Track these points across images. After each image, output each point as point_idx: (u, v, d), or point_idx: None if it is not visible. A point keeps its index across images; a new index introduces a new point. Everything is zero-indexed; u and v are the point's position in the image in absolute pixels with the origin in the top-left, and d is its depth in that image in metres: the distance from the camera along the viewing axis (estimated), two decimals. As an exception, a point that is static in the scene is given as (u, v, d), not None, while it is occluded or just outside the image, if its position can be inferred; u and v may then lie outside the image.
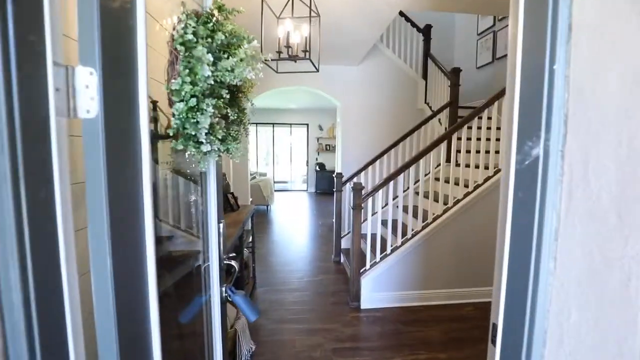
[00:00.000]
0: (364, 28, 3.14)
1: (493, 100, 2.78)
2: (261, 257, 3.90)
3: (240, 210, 2.80)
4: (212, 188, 1.34)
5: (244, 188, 4.41)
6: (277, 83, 4.36)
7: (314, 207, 7.53)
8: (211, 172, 1.33)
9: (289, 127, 9.90)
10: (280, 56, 1.83)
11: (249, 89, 1.28)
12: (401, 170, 2.73)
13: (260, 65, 1.06)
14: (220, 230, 1.41)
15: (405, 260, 2.79)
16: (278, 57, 1.81)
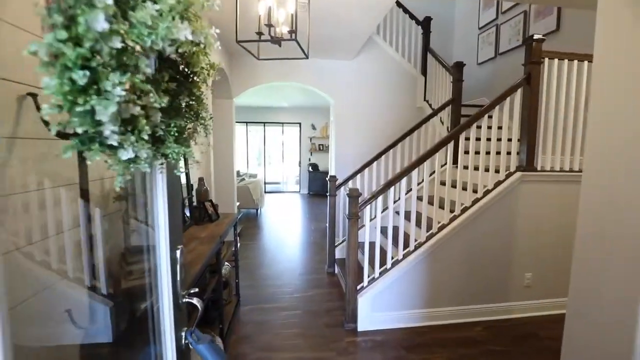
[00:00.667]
0: (359, 17, 2.82)
1: (505, 96, 2.48)
2: (247, 270, 3.55)
3: (220, 221, 2.45)
4: (160, 208, 0.99)
5: (229, 192, 4.05)
6: (265, 78, 4.02)
7: (306, 209, 7.20)
8: (158, 186, 0.98)
9: (281, 126, 9.54)
10: (260, 38, 1.49)
11: (209, 71, 0.95)
12: (402, 174, 2.42)
13: (217, 42, 0.74)
14: (178, 259, 1.08)
15: (408, 276, 2.48)
16: (258, 39, 1.47)
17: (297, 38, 1.47)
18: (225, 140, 3.98)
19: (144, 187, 1.06)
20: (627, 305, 1.23)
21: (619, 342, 1.27)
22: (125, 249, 1.37)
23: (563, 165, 2.59)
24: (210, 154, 2.95)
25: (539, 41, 2.39)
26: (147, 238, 1.13)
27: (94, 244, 1.14)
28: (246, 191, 5.95)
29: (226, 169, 4.02)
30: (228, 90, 3.88)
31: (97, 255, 1.16)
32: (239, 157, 9.47)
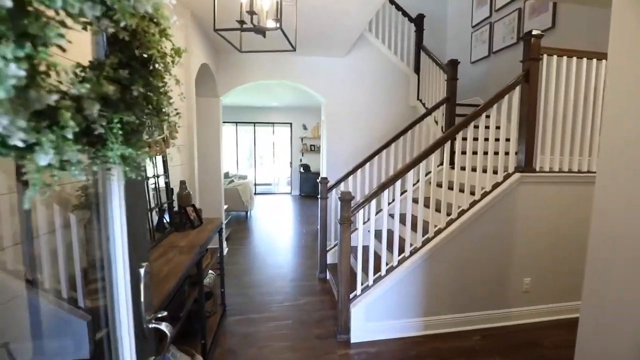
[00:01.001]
0: (352, 11, 2.69)
1: (503, 94, 2.38)
2: (235, 276, 3.39)
3: (203, 227, 2.29)
4: (116, 219, 0.84)
5: (216, 195, 3.88)
6: (253, 75, 3.86)
7: (298, 211, 7.04)
8: (113, 194, 0.83)
9: (272, 126, 9.37)
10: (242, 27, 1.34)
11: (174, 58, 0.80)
12: (396, 177, 2.29)
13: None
14: (142, 278, 0.93)
15: (403, 283, 2.35)
16: (240, 27, 1.32)
17: (282, 27, 1.31)
18: (211, 140, 3.81)
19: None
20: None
21: (636, 347, 1.17)
22: (88, 265, 1.21)
23: (562, 165, 2.50)
24: (194, 155, 2.79)
25: (538, 37, 2.30)
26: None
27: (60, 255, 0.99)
28: (235, 193, 5.77)
29: (213, 170, 3.85)
30: (214, 89, 3.71)
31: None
32: (229, 158, 9.27)
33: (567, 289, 2.64)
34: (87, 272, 1.19)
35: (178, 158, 2.58)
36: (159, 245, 1.87)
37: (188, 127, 2.74)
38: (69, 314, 1.08)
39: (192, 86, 2.76)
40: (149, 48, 0.66)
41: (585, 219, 2.61)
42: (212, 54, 3.50)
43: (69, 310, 1.07)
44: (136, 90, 0.67)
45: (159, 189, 1.99)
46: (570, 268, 2.61)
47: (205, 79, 3.55)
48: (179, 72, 2.58)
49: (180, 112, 0.90)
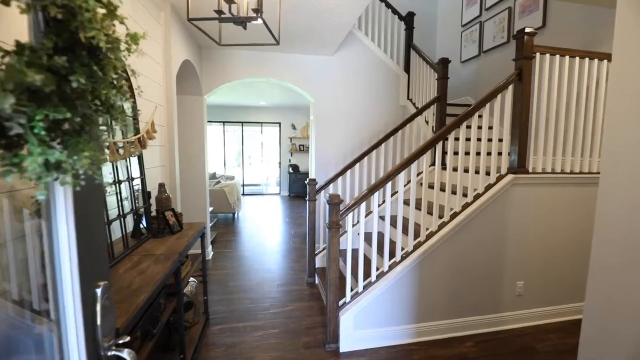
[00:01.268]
0: (340, 5, 2.59)
1: (495, 94, 2.31)
2: (220, 282, 3.25)
3: (183, 232, 2.15)
4: (62, 232, 0.72)
5: (200, 197, 3.74)
6: (238, 73, 3.73)
7: (286, 212, 6.92)
8: (58, 203, 0.71)
9: (260, 126, 9.21)
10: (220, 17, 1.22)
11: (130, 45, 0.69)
12: (387, 179, 2.20)
13: None
14: (99, 299, 0.82)
15: (394, 289, 2.26)
16: (217, 17, 1.20)
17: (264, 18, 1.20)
18: (195, 140, 3.66)
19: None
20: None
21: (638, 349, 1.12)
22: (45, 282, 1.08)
23: (555, 166, 2.46)
24: (174, 155, 2.64)
25: (531, 35, 2.24)
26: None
27: None
28: (221, 195, 5.61)
29: (197, 171, 3.70)
30: (197, 87, 3.56)
31: None
32: (216, 159, 9.07)
33: (561, 291, 2.60)
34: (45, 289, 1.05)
35: (158, 159, 2.44)
36: (133, 253, 1.74)
37: (168, 126, 2.59)
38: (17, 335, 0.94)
39: (173, 84, 2.62)
40: (90, 30, 0.54)
41: (578, 220, 2.59)
42: (195, 50, 3.35)
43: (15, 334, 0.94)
44: (76, 82, 0.55)
45: (134, 192, 1.85)
46: (563, 270, 2.58)
47: (188, 76, 3.40)
48: (158, 69, 2.44)
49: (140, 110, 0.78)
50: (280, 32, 3.06)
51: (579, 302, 2.66)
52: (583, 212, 2.55)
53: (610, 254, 1.26)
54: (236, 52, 3.69)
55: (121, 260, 1.61)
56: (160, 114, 2.47)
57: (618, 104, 1.21)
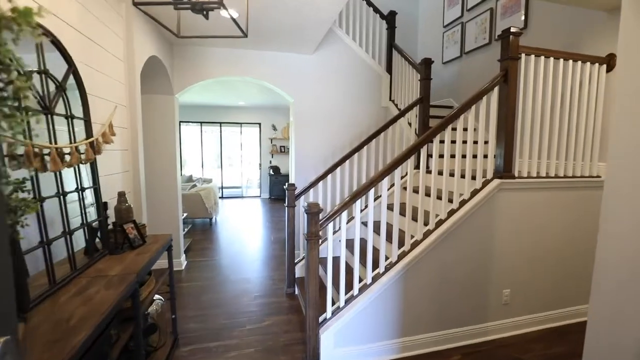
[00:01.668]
0: (318, 2, 2.44)
1: (481, 95, 2.22)
2: (193, 295, 3.03)
3: (145, 247, 1.93)
4: None
5: (171, 203, 3.49)
6: (213, 72, 3.51)
7: (267, 216, 6.70)
8: None
9: (239, 126, 8.94)
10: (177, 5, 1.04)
11: (18, 21, 0.50)
12: (370, 185, 2.06)
13: None
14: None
15: (378, 302, 2.13)
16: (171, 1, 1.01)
17: (226, 5, 1.03)
18: (166, 142, 3.42)
19: None
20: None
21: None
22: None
23: (540, 169, 2.40)
24: (139, 160, 2.41)
25: (516, 35, 2.16)
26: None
27: None
28: (197, 199, 5.34)
29: (168, 176, 3.45)
30: (168, 86, 3.32)
31: None
32: (193, 161, 8.74)
33: (546, 298, 2.55)
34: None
35: (119, 164, 2.20)
36: (82, 275, 1.52)
37: (132, 128, 2.36)
38: None
39: (137, 82, 2.39)
40: None
41: (564, 224, 2.54)
42: (164, 46, 3.11)
43: None
44: None
45: (84, 205, 1.62)
46: (549, 276, 2.52)
47: (156, 74, 3.16)
48: (119, 65, 2.20)
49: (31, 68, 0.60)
50: (255, 28, 2.87)
51: (563, 308, 2.62)
52: (569, 215, 2.50)
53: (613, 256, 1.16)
54: (210, 49, 3.47)
55: (65, 285, 1.39)
56: (121, 114, 2.24)
57: (624, 108, 1.12)
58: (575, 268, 2.60)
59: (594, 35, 2.61)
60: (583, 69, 2.45)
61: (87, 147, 1.65)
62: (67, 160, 1.48)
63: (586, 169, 2.54)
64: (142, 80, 3.21)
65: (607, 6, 2.42)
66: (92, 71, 1.83)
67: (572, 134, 2.47)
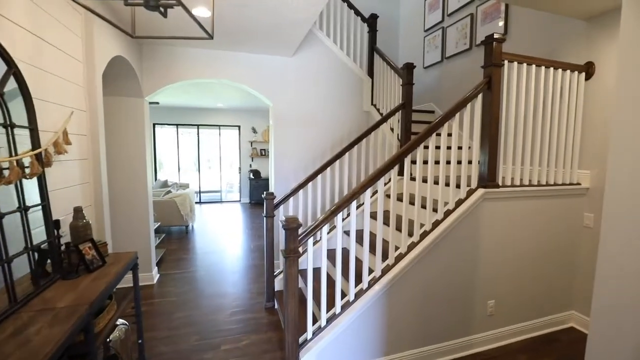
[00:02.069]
0: (298, 2, 2.32)
1: (465, 103, 2.15)
2: (164, 314, 2.82)
3: (105, 268, 1.74)
4: None
5: (141, 213, 3.27)
6: (186, 73, 3.32)
7: (246, 223, 6.50)
8: None
9: (218, 129, 8.68)
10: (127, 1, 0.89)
11: None
12: (352, 197, 1.95)
13: None
14: None
15: (361, 321, 2.02)
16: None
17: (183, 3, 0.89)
18: (134, 148, 3.19)
19: None
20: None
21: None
22: None
23: (523, 176, 2.37)
24: (100, 170, 2.20)
25: (499, 41, 2.11)
26: None
27: None
28: (172, 206, 5.09)
29: (137, 184, 3.23)
30: (137, 88, 3.10)
31: None
32: (169, 165, 8.41)
33: (530, 307, 2.52)
34: None
35: (77, 176, 1.99)
36: (24, 308, 1.32)
37: (92, 135, 2.15)
38: None
39: (98, 85, 2.18)
40: None
41: (548, 232, 2.51)
42: (132, 46, 2.90)
43: None
44: None
45: (29, 225, 1.42)
46: (532, 284, 2.50)
47: (123, 75, 2.94)
48: (76, 66, 1.99)
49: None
50: (229, 28, 2.70)
51: (546, 316, 2.60)
52: (551, 223, 2.50)
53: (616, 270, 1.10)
54: (183, 49, 3.27)
55: (0, 323, 1.20)
56: (80, 120, 2.03)
57: (624, 113, 1.05)
58: (557, 275, 2.59)
59: (572, 43, 2.61)
60: (563, 76, 2.45)
61: (32, 159, 1.45)
62: (5, 176, 1.28)
63: (567, 177, 2.54)
64: (107, 82, 2.99)
65: (585, 15, 2.43)
66: (41, 73, 1.63)
67: (554, 141, 2.45)
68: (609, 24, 2.36)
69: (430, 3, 4.31)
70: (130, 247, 3.25)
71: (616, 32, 2.32)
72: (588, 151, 2.53)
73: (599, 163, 2.46)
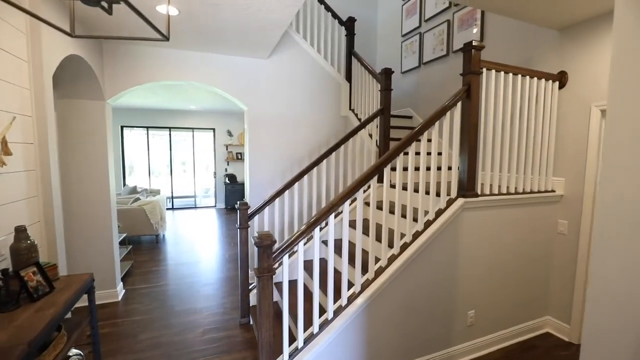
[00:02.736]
0: (271, 2, 2.19)
1: (445, 111, 2.10)
2: (128, 337, 2.59)
3: (50, 297, 1.53)
4: None
5: (102, 225, 3.02)
6: (152, 75, 3.11)
7: (222, 230, 6.26)
8: None
9: (191, 131, 8.36)
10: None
11: None
12: (330, 210, 1.85)
13: None
14: None
15: (340, 340, 1.91)
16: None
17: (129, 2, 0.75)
18: (95, 154, 2.94)
19: None
20: None
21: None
22: None
23: (502, 183, 2.36)
24: (50, 182, 1.97)
25: (478, 48, 2.08)
26: None
27: None
28: (141, 214, 4.80)
29: (98, 193, 2.98)
30: (97, 90, 2.86)
31: None
32: (139, 169, 8.00)
33: (508, 314, 2.51)
34: None
35: (22, 190, 1.77)
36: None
37: (40, 143, 1.92)
38: None
39: (46, 86, 1.96)
40: None
41: (524, 239, 2.51)
42: (90, 44, 2.66)
43: None
44: None
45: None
46: (509, 292, 2.49)
47: (81, 76, 2.70)
48: (20, 66, 1.77)
49: None
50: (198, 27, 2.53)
51: (524, 322, 2.61)
52: (528, 230, 2.51)
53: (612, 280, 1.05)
54: (149, 49, 3.06)
55: None
56: (25, 127, 1.81)
57: (619, 120, 1.00)
58: (533, 282, 2.60)
59: (545, 52, 2.64)
60: (538, 85, 2.46)
61: (-42, 175, 1.24)
62: None
63: (542, 184, 2.55)
64: (62, 84, 2.74)
65: (557, 25, 2.46)
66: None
67: (530, 148, 2.47)
68: (580, 34, 2.40)
69: (407, 8, 4.31)
70: (91, 264, 2.99)
71: (587, 42, 2.35)
72: (562, 158, 2.56)
73: (572, 170, 2.50)
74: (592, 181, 2.37)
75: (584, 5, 2.11)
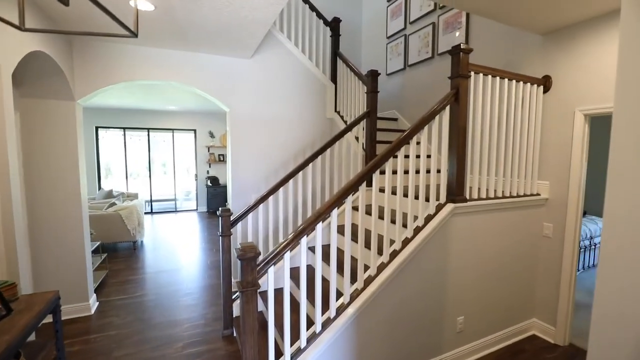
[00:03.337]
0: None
1: (434, 115, 2.06)
2: (100, 355, 2.41)
3: (9, 320, 1.37)
4: None
5: (73, 233, 2.82)
6: (127, 74, 2.94)
7: (203, 235, 6.06)
8: None
9: (171, 132, 8.08)
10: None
11: None
12: (317, 219, 1.76)
13: None
14: None
15: (329, 354, 1.83)
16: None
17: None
18: (64, 158, 2.75)
19: None
20: None
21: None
22: None
23: (489, 186, 2.34)
24: (9, 191, 1.80)
25: (466, 51, 2.05)
26: None
27: None
28: (117, 220, 4.56)
29: (67, 199, 2.78)
30: (66, 89, 2.67)
31: None
32: (117, 172, 7.67)
33: (496, 318, 2.50)
34: None
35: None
36: None
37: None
38: None
39: (5, 84, 1.78)
40: None
41: (512, 243, 2.50)
42: (58, 40, 2.48)
43: None
44: None
45: None
46: (497, 296, 2.48)
47: (47, 75, 2.50)
48: (-27, 61, 1.60)
49: None
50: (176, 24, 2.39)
51: (512, 325, 2.61)
52: (515, 234, 2.50)
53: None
54: (124, 46, 2.88)
55: None
56: (-20, 130, 1.63)
57: (625, 123, 0.96)
58: (520, 285, 2.60)
59: (529, 56, 2.65)
60: (524, 89, 2.46)
61: None
62: None
63: (528, 187, 2.56)
64: (26, 83, 2.54)
65: (541, 29, 2.46)
66: None
67: (516, 152, 2.46)
68: (563, 39, 2.41)
69: (392, 10, 4.28)
70: (60, 276, 2.79)
71: (570, 47, 2.37)
72: (546, 162, 2.58)
73: (556, 173, 2.51)
74: (576, 184, 2.39)
75: (567, 10, 2.12)
